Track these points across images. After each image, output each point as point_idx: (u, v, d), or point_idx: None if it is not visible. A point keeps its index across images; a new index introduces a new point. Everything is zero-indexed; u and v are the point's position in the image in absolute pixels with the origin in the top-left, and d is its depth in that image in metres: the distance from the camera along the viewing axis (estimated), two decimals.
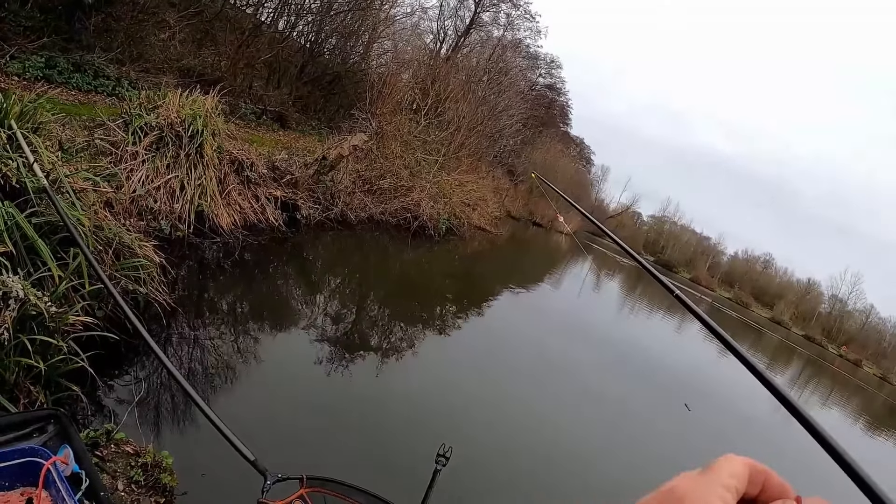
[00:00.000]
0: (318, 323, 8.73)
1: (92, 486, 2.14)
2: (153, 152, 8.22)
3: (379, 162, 16.42)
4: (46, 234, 4.59)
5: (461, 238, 20.91)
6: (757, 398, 16.50)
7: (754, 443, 11.80)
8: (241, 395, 5.81)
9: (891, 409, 33.58)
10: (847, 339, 68.88)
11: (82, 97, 10.14)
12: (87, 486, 2.14)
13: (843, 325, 71.61)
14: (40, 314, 3.78)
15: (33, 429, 2.33)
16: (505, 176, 38.17)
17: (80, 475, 2.17)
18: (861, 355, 62.16)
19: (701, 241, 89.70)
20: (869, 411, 27.64)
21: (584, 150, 73.91)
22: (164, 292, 6.05)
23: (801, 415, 1.41)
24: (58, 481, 1.99)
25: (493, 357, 10.61)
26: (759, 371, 1.75)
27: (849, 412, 24.30)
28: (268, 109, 16.97)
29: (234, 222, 9.68)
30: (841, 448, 1.18)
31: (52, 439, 2.33)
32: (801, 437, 1.46)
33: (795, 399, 1.53)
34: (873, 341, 68.12)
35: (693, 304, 2.27)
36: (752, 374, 1.79)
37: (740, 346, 1.93)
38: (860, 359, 60.61)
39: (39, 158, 4.91)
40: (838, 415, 21.94)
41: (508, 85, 32.17)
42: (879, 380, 53.48)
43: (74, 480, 2.12)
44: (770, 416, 13.80)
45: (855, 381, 41.02)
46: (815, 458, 1.46)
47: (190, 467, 4.05)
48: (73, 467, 2.11)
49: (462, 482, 5.32)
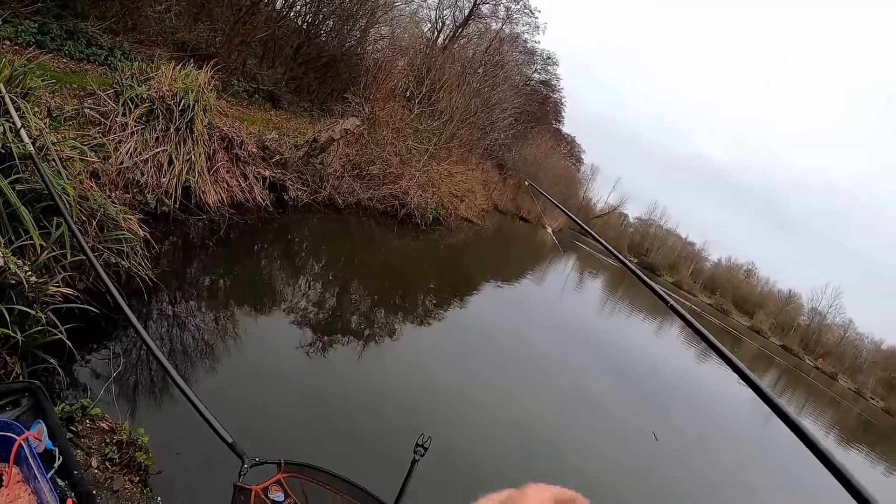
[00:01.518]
0: (300, 306, 8.67)
1: (65, 464, 2.09)
2: (143, 124, 8.09)
3: (370, 147, 16.32)
4: (30, 202, 4.50)
5: (447, 228, 20.88)
6: (725, 394, 16.70)
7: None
8: (219, 375, 5.75)
9: (865, 424, 34.09)
10: (824, 351, 69.84)
11: (74, 65, 9.97)
12: (59, 464, 2.09)
13: (820, 337, 72.55)
14: (19, 283, 3.70)
15: (6, 402, 2.26)
16: (494, 169, 38.15)
17: (54, 452, 2.11)
18: (837, 369, 63.17)
19: (685, 245, 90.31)
20: (842, 424, 28.04)
21: (574, 148, 73.98)
22: (146, 267, 5.97)
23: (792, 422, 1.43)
24: (30, 458, 1.94)
25: (473, 349, 10.62)
26: (753, 379, 1.75)
27: (822, 424, 24.62)
28: (260, 88, 16.80)
29: (221, 200, 9.58)
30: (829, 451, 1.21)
31: (25, 413, 2.27)
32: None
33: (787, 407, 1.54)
34: (849, 356, 69.12)
35: (686, 313, 2.25)
36: (745, 383, 1.79)
37: (732, 355, 1.93)
38: (836, 372, 61.57)
39: (27, 124, 4.81)
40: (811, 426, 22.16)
41: (503, 78, 32.10)
42: (854, 394, 54.36)
43: (47, 457, 2.07)
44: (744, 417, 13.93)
45: (830, 394, 41.61)
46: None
47: (166, 446, 4.00)
48: (46, 444, 2.06)
49: (441, 471, 5.31)
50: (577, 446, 8.46)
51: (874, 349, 70.86)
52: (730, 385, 17.95)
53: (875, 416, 42.41)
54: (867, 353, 70.07)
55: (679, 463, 9.71)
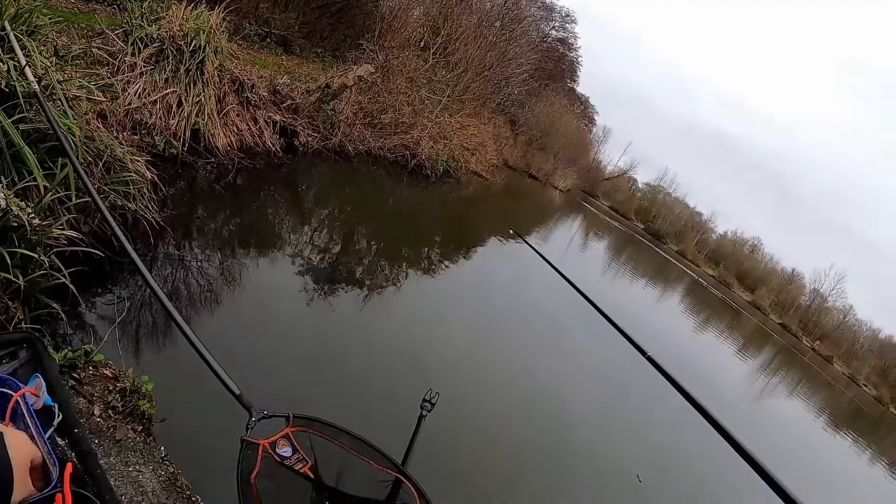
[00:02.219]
0: (307, 254, 8.62)
1: (65, 422, 2.01)
2: (152, 65, 7.91)
3: (383, 96, 16.08)
4: (34, 142, 4.39)
5: (457, 181, 20.73)
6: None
7: None
8: (224, 323, 5.73)
9: (856, 411, 34.29)
10: (822, 334, 70.07)
11: (82, 5, 9.70)
12: (59, 421, 2.00)
13: (820, 319, 72.69)
14: (22, 226, 3.62)
15: (3, 354, 2.17)
16: (506, 125, 37.70)
17: (53, 408, 2.03)
18: (833, 352, 63.44)
19: (693, 215, 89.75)
20: (833, 408, 28.20)
21: (588, 108, 73.02)
22: (153, 210, 5.89)
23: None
24: (27, 416, 1.85)
25: (479, 303, 10.65)
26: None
27: (814, 404, 24.75)
28: (273, 32, 16.45)
29: (230, 144, 9.46)
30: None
31: (22, 367, 2.17)
32: None
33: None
34: (847, 341, 69.36)
35: (663, 367, 2.29)
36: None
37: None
38: (832, 356, 61.87)
39: (32, 62, 4.66)
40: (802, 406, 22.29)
41: (521, 33, 31.50)
42: (848, 379, 54.71)
43: (46, 414, 1.99)
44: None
45: (824, 376, 41.83)
46: None
47: (170, 395, 3.98)
48: (45, 399, 1.98)
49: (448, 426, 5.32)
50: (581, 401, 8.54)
51: (872, 337, 71.12)
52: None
53: (866, 403, 42.67)
54: (864, 340, 70.29)
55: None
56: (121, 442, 3.31)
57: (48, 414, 2.00)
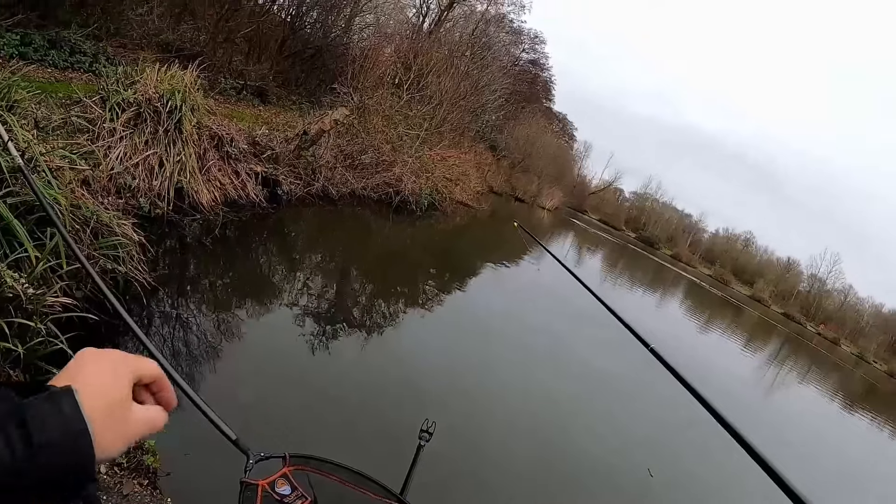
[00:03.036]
0: (300, 299, 8.72)
1: None
2: (131, 129, 8.09)
3: (360, 136, 16.30)
4: (22, 215, 4.53)
5: (443, 213, 20.87)
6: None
7: None
8: (224, 372, 5.80)
9: (868, 388, 34.31)
10: (825, 317, 70.45)
11: (59, 74, 9.93)
12: None
13: (821, 303, 73.11)
14: (17, 296, 3.74)
15: None
16: (487, 151, 38.07)
17: None
18: (839, 334, 63.66)
19: (682, 218, 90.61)
20: (846, 389, 28.20)
21: (567, 125, 73.88)
22: (143, 271, 6.00)
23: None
24: None
25: (474, 332, 10.68)
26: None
27: (826, 389, 24.76)
28: (248, 84, 16.74)
29: (214, 199, 9.59)
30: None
31: None
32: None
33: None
34: (851, 320, 69.77)
35: (666, 360, 2.32)
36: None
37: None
38: (838, 337, 62.10)
39: (14, 137, 4.82)
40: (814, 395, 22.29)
41: (491, 60, 32.07)
42: (857, 358, 54.80)
43: None
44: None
45: (833, 359, 41.83)
46: None
47: (173, 448, 4.05)
48: None
49: (447, 456, 5.38)
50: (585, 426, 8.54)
51: (875, 313, 71.41)
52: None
53: (878, 379, 42.78)
54: (868, 317, 70.59)
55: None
56: (128, 496, 3.40)
57: None
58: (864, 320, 70.10)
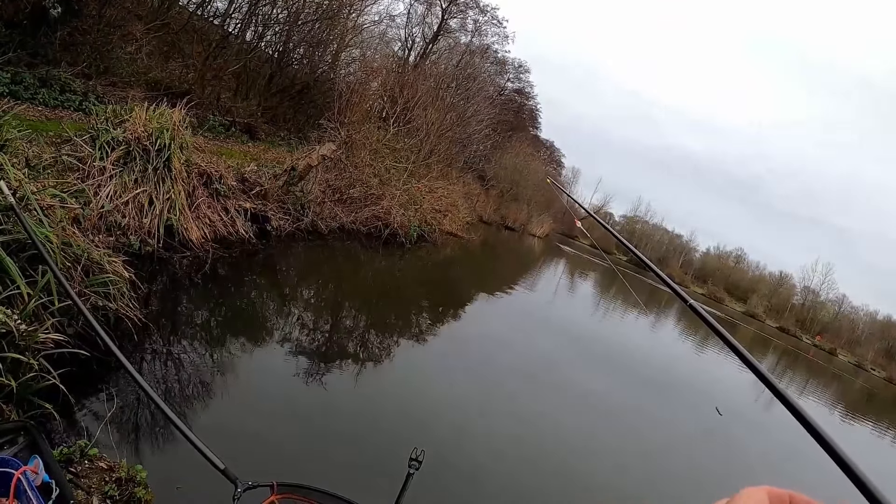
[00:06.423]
0: (291, 334, 8.75)
1: (62, 496, 2.21)
2: (121, 167, 8.20)
3: (348, 171, 16.46)
4: (14, 252, 4.60)
5: (433, 244, 21.00)
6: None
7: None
8: (215, 407, 5.83)
9: (868, 395, 34.40)
10: (821, 328, 70.59)
11: (49, 113, 10.07)
12: (56, 496, 2.21)
13: (816, 315, 73.32)
14: (10, 332, 3.80)
15: (3, 441, 2.38)
16: (476, 181, 38.43)
17: (51, 485, 2.23)
18: (835, 344, 64.00)
19: (673, 238, 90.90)
20: (846, 399, 28.26)
21: (554, 152, 74.61)
22: (134, 308, 6.05)
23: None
24: (28, 490, 2.05)
25: (465, 363, 10.69)
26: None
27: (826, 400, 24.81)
28: (236, 121, 16.93)
29: (203, 236, 9.67)
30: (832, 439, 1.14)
31: (22, 451, 2.38)
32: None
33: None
34: (847, 330, 69.97)
35: (706, 316, 2.22)
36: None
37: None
38: (835, 347, 62.43)
39: (6, 176, 4.91)
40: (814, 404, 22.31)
41: (476, 90, 32.47)
42: (855, 367, 54.98)
43: (45, 490, 2.18)
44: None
45: (831, 369, 41.89)
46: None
47: (164, 480, 4.09)
48: (43, 477, 2.17)
49: (436, 485, 5.41)
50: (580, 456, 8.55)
51: (870, 321, 71.63)
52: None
53: (877, 386, 42.89)
54: (864, 326, 70.86)
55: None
56: None
57: (47, 490, 2.19)
58: (860, 328, 70.35)
